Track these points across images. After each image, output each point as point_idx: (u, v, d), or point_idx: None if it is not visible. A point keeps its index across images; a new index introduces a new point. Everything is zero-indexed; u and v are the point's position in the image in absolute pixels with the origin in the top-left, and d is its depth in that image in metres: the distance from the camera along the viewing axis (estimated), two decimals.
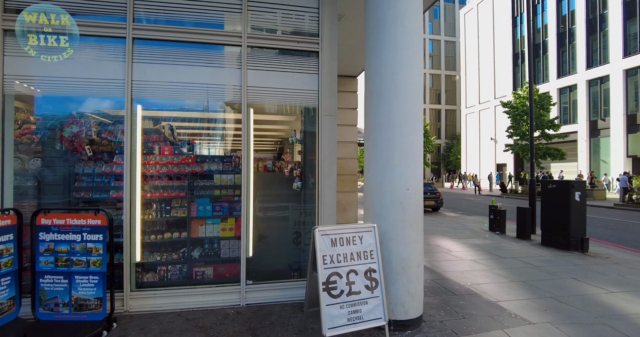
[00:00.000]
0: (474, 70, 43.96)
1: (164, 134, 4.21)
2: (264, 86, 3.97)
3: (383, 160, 3.26)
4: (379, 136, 3.31)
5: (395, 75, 3.25)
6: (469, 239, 7.95)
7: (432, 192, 14.61)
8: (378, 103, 3.33)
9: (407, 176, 3.22)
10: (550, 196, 7.28)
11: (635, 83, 25.99)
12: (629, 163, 26.11)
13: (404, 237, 3.19)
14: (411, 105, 3.27)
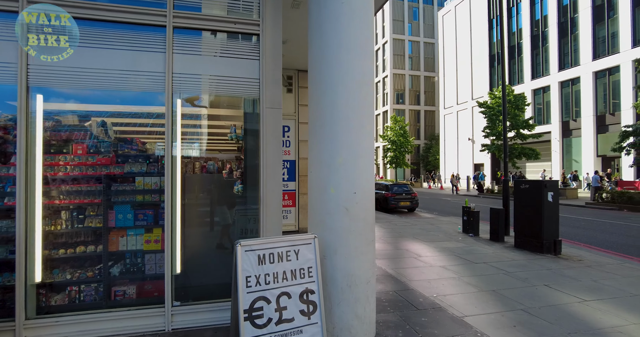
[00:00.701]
0: (452, 71, 44.49)
1: (90, 131, 3.57)
2: (194, 73, 3.40)
3: (326, 159, 2.77)
4: (321, 132, 2.82)
5: (339, 60, 2.76)
6: (441, 243, 7.59)
7: (407, 193, 14.32)
8: (320, 93, 2.84)
9: (354, 177, 2.74)
10: (523, 196, 7.01)
11: (604, 85, 26.73)
12: (599, 162, 26.82)
13: (350, 249, 2.70)
14: (359, 95, 2.79)
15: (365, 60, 2.86)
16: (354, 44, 2.77)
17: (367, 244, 2.76)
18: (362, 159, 2.76)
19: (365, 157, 2.79)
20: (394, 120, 39.83)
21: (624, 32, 24.94)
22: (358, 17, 2.82)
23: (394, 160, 38.36)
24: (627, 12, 24.68)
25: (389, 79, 56.77)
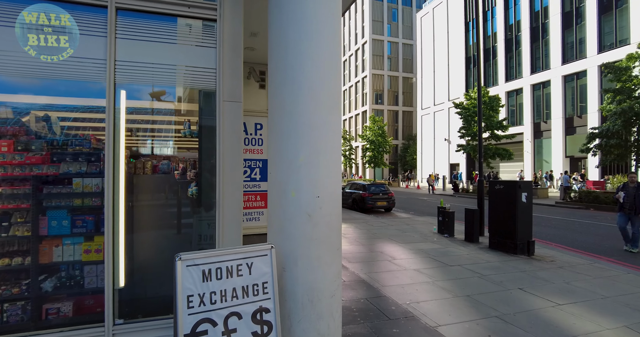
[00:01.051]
0: (430, 72, 45.19)
1: (20, 125, 3.10)
2: (141, 61, 3.01)
3: (286, 158, 2.46)
4: (281, 126, 2.51)
5: (301, 43, 2.47)
6: (416, 244, 7.46)
7: (384, 193, 14.23)
8: (280, 81, 2.53)
9: (318, 178, 2.45)
10: (498, 196, 6.97)
11: (572, 89, 27.78)
12: (567, 163, 27.87)
13: (312, 260, 2.41)
14: (325, 85, 2.50)
15: (333, 43, 2.57)
16: (318, 25, 2.48)
17: (332, 253, 2.48)
18: (326, 157, 2.48)
19: (330, 156, 2.50)
20: (373, 121, 40.02)
21: (590, 38, 25.99)
22: None
23: (373, 159, 38.55)
24: (594, 19, 25.73)
25: (368, 79, 57.09)
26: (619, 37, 24.54)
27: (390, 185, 39.99)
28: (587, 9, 26.32)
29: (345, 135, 47.10)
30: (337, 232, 2.56)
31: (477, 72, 9.23)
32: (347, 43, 66.18)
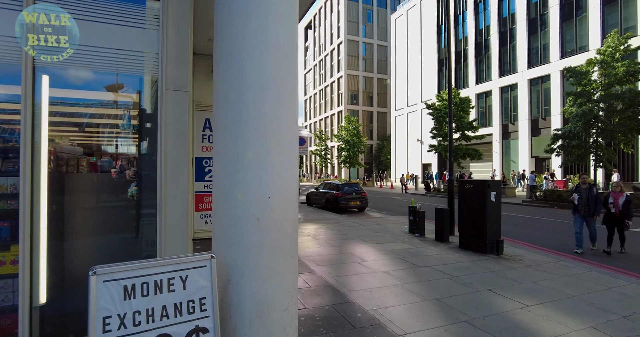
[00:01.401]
0: (403, 74, 45.88)
1: None
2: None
3: (233, 154, 2.16)
4: (226, 117, 2.21)
5: (250, 19, 2.17)
6: (387, 244, 7.32)
7: (357, 193, 14.12)
8: (226, 67, 2.23)
9: (269, 177, 2.16)
10: (467, 196, 6.94)
11: (537, 92, 28.97)
12: (533, 163, 29.04)
13: (262, 270, 2.12)
14: (277, 75, 2.22)
15: (286, 25, 2.29)
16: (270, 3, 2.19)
17: (285, 262, 2.20)
18: (279, 154, 2.20)
19: (284, 153, 2.22)
20: (348, 121, 40.15)
21: (553, 44, 27.19)
22: None
23: (348, 159, 38.66)
24: (557, 26, 26.95)
25: (344, 80, 57.30)
26: (579, 44, 25.82)
27: (365, 185, 40.26)
28: (550, 17, 27.53)
29: (321, 135, 47.00)
30: (292, 237, 2.28)
31: (448, 74, 9.25)
32: (322, 43, 66.14)
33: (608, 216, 6.90)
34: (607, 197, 6.90)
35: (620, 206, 6.72)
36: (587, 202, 6.84)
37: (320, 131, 48.57)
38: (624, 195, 6.84)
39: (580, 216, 6.99)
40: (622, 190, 6.97)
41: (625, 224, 6.65)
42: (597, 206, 6.81)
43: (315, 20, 69.12)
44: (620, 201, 6.75)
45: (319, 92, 67.42)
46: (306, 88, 74.98)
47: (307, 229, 9.20)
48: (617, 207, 6.73)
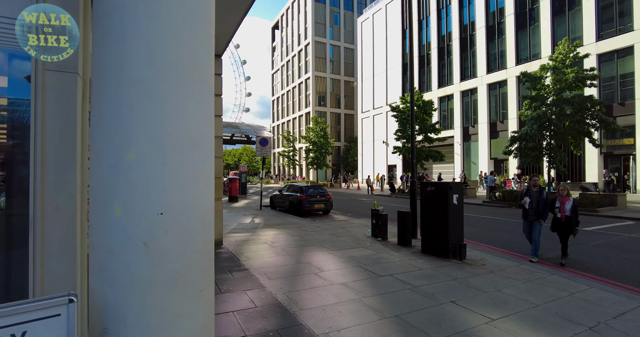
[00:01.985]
0: (370, 77, 46.32)
1: None
2: None
3: (108, 153, 1.56)
4: (101, 99, 1.61)
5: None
6: (348, 251, 6.89)
7: (322, 195, 13.68)
8: (105, 27, 1.63)
9: (163, 185, 1.58)
10: (430, 199, 6.67)
11: (495, 96, 30.19)
12: (492, 164, 30.21)
13: (153, 314, 1.54)
14: (175, 43, 1.65)
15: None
16: None
17: (189, 300, 1.64)
18: (180, 153, 1.63)
19: (187, 151, 1.66)
20: (315, 122, 39.81)
21: (510, 51, 28.47)
22: None
23: (315, 161, 38.29)
24: (512, 34, 28.23)
25: (311, 81, 57.05)
26: (532, 51, 27.19)
27: (332, 186, 40.08)
28: (506, 25, 28.80)
29: (289, 136, 46.33)
30: (201, 266, 1.71)
31: (411, 78, 9.06)
32: (290, 43, 65.53)
33: (555, 222, 6.40)
34: (554, 201, 6.39)
35: (567, 211, 6.19)
36: (537, 206, 6.38)
37: (287, 132, 47.86)
38: (571, 199, 6.31)
39: (530, 222, 6.52)
40: (569, 194, 6.41)
41: (574, 231, 6.19)
42: (546, 209, 6.35)
43: (283, 20, 68.40)
44: (567, 205, 6.22)
45: (286, 93, 66.69)
46: (274, 88, 73.97)
47: (265, 235, 8.58)
48: (563, 212, 6.20)
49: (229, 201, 19.11)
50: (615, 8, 22.39)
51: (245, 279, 5.00)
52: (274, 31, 74.73)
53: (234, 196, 19.32)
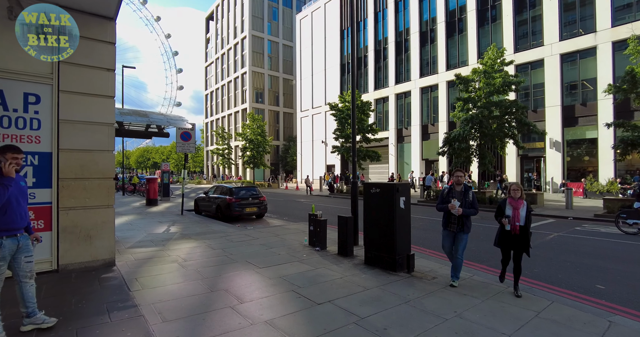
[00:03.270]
0: (308, 75, 45.61)
1: None
2: None
3: None
4: None
5: None
6: (280, 267, 5.66)
7: (255, 197, 12.22)
8: None
9: None
10: (374, 202, 5.75)
11: (427, 100, 31.45)
12: (423, 165, 31.41)
13: None
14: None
15: None
16: None
17: None
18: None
19: None
20: (252, 118, 37.80)
21: (441, 57, 29.84)
22: None
23: (252, 160, 36.27)
24: (443, 41, 29.63)
25: (248, 76, 54.60)
26: (461, 58, 28.81)
27: (270, 186, 38.43)
28: (437, 33, 30.15)
29: (223, 133, 43.45)
30: None
31: (352, 78, 8.17)
32: (225, 36, 62.05)
33: (503, 234, 4.63)
34: (502, 206, 4.64)
35: (521, 220, 4.47)
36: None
37: (221, 129, 44.89)
38: (524, 203, 4.56)
39: (453, 232, 4.83)
40: (523, 195, 4.61)
41: (528, 247, 4.51)
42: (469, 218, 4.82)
43: (218, 11, 64.56)
44: (521, 211, 4.50)
45: (221, 87, 63.05)
46: (207, 82, 69.52)
47: (178, 250, 6.93)
48: (515, 221, 4.46)
49: (147, 205, 16.57)
50: (529, 25, 24.59)
51: (126, 324, 3.47)
52: (208, 22, 70.28)
53: (153, 199, 16.82)
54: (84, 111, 5.33)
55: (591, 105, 21.29)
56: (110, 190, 5.62)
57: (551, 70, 22.94)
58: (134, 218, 11.88)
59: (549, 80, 23.00)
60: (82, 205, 5.32)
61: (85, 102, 5.35)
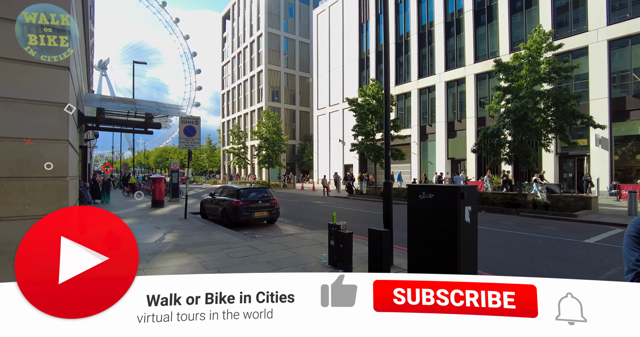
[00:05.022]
0: (325, 72, 44.03)
1: None
2: None
3: None
4: None
5: None
6: None
7: (265, 200, 10.70)
8: None
9: None
10: (424, 211, 4.07)
11: (453, 95, 29.27)
12: (449, 164, 29.25)
13: None
14: None
15: None
16: None
17: None
18: None
19: None
20: (267, 116, 36.52)
21: (468, 49, 27.63)
22: None
23: (267, 159, 34.96)
24: (471, 30, 27.42)
25: (264, 75, 53.52)
26: (490, 49, 26.52)
27: (286, 187, 37.06)
28: (465, 21, 27.96)
29: (238, 132, 42.46)
30: None
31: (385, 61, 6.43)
32: (241, 34, 61.25)
33: None
34: None
35: None
36: None
37: (236, 127, 43.91)
38: None
39: None
40: None
41: None
42: None
43: (234, 9, 63.89)
44: None
45: (237, 86, 62.33)
46: (224, 82, 69.06)
47: (160, 271, 5.44)
48: None
49: (152, 207, 15.37)
50: (570, 10, 22.16)
51: None
52: (224, 21, 69.81)
53: (159, 201, 15.60)
54: (18, 84, 3.88)
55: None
56: (63, 193, 4.16)
57: (597, 58, 20.48)
58: (130, 222, 10.58)
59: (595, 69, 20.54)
60: (20, 214, 3.88)
61: (19, 72, 3.90)
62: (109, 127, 9.94)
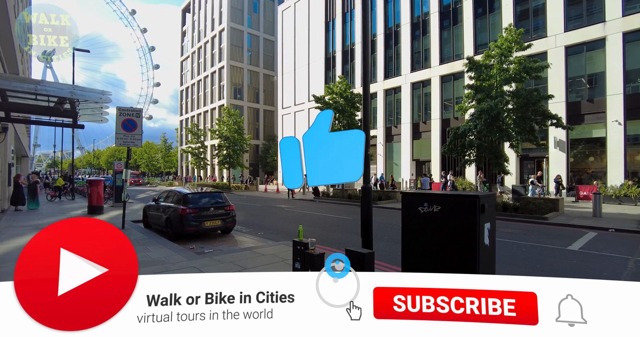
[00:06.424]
0: (291, 70, 42.67)
1: None
2: None
3: None
4: None
5: None
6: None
7: (219, 207, 9.15)
8: None
9: None
10: (429, 228, 2.94)
11: (418, 96, 29.15)
12: (414, 166, 29.06)
13: None
14: None
15: None
16: None
17: None
18: None
19: None
20: (228, 113, 34.43)
21: (434, 51, 27.62)
22: None
23: (228, 159, 32.85)
24: (436, 32, 27.45)
25: (226, 71, 51.04)
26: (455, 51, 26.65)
27: (248, 189, 35.12)
28: (430, 23, 27.95)
29: (196, 130, 39.82)
30: None
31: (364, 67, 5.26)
32: (202, 28, 58.12)
33: None
34: None
35: None
36: None
37: (194, 125, 41.20)
38: None
39: None
40: None
41: None
42: None
43: (195, 2, 60.58)
44: None
45: (197, 83, 59.08)
46: (183, 77, 65.31)
47: None
48: None
49: (89, 214, 13.16)
50: (530, 15, 22.68)
51: None
52: (184, 14, 66.10)
53: (97, 207, 13.39)
54: None
55: (600, 101, 19.38)
56: None
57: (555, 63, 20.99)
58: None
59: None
60: None
61: None
62: (19, 117, 7.95)
